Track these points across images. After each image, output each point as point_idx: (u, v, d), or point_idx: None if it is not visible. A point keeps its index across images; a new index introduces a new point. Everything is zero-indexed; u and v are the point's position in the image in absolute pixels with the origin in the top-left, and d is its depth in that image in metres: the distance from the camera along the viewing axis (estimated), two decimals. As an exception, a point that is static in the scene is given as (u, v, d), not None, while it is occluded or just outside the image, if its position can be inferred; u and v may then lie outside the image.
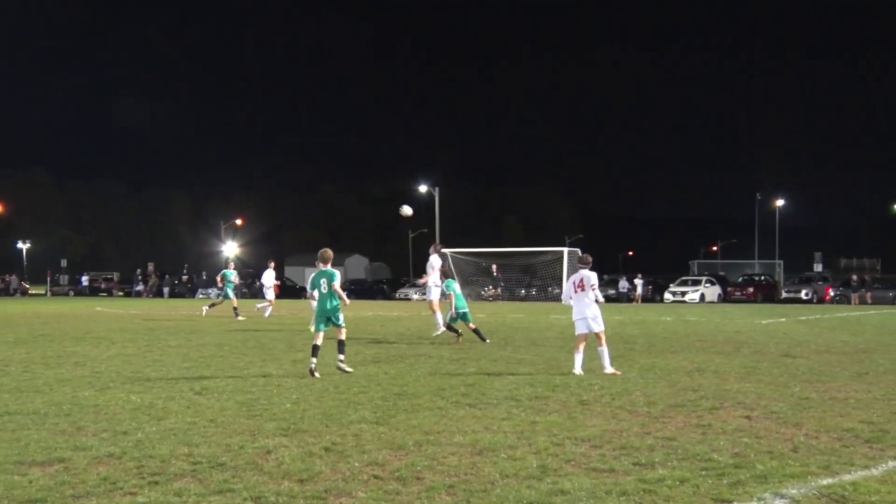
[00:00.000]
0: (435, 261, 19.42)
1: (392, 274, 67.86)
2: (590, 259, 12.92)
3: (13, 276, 70.17)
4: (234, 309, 27.22)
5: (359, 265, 71.61)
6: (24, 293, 67.35)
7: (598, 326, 12.26)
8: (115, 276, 69.79)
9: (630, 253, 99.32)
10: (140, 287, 62.73)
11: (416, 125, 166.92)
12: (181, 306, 40.23)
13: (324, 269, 12.71)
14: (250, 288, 57.20)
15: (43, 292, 68.58)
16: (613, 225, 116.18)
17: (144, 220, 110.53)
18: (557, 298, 43.79)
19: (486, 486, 6.14)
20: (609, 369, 12.23)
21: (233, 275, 28.23)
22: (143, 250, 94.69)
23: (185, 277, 63.48)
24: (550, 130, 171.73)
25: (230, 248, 75.70)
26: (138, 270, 66.17)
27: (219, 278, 28.92)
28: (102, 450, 7.15)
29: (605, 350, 12.42)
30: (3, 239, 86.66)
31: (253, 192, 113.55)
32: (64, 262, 74.01)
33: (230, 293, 27.72)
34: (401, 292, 53.63)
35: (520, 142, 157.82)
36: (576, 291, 12.42)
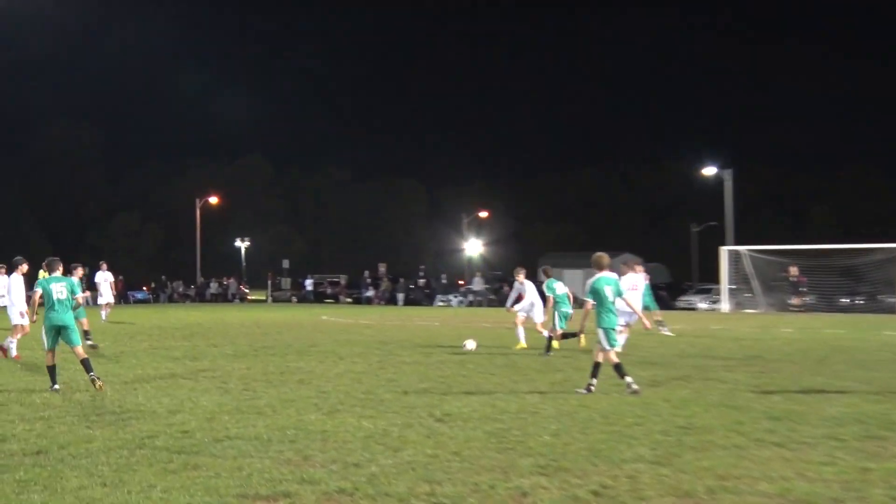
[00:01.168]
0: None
1: (671, 277, 66.63)
2: None
3: (231, 280, 75.31)
4: (657, 322, 26.32)
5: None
6: (244, 299, 72.18)
7: None
8: (343, 279, 72.61)
9: None
10: (370, 293, 65.34)
11: (699, 98, 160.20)
12: (418, 315, 41.83)
13: (605, 275, 13.54)
14: (498, 294, 58.36)
15: (263, 298, 73.53)
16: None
17: (372, 212, 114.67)
18: (893, 309, 41.35)
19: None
20: None
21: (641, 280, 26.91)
22: (371, 249, 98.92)
23: (421, 281, 65.35)
24: (871, 99, 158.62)
25: (473, 247, 77.61)
26: (366, 273, 69.14)
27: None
28: (332, 484, 7.54)
29: None
30: (221, 236, 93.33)
31: (496, 180, 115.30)
32: (286, 263, 78.43)
33: (651, 302, 26.75)
34: (683, 300, 52.21)
35: (831, 114, 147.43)
36: None
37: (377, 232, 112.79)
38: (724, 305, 45.75)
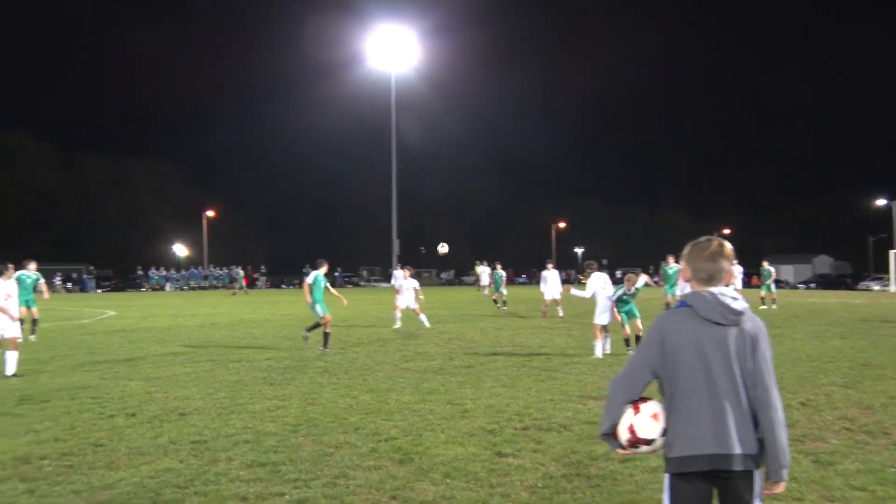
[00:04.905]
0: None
1: (853, 269, 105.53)
2: None
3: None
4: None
5: (824, 263, 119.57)
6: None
7: None
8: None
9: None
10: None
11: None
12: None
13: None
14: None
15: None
16: None
17: (658, 236, 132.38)
18: None
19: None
20: None
21: None
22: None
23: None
24: None
25: None
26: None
27: None
28: None
29: None
30: (563, 245, 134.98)
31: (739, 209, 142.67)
32: (604, 261, 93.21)
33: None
34: (863, 284, 76.96)
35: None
36: None
37: (657, 251, 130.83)
38: (893, 287, 65.88)
